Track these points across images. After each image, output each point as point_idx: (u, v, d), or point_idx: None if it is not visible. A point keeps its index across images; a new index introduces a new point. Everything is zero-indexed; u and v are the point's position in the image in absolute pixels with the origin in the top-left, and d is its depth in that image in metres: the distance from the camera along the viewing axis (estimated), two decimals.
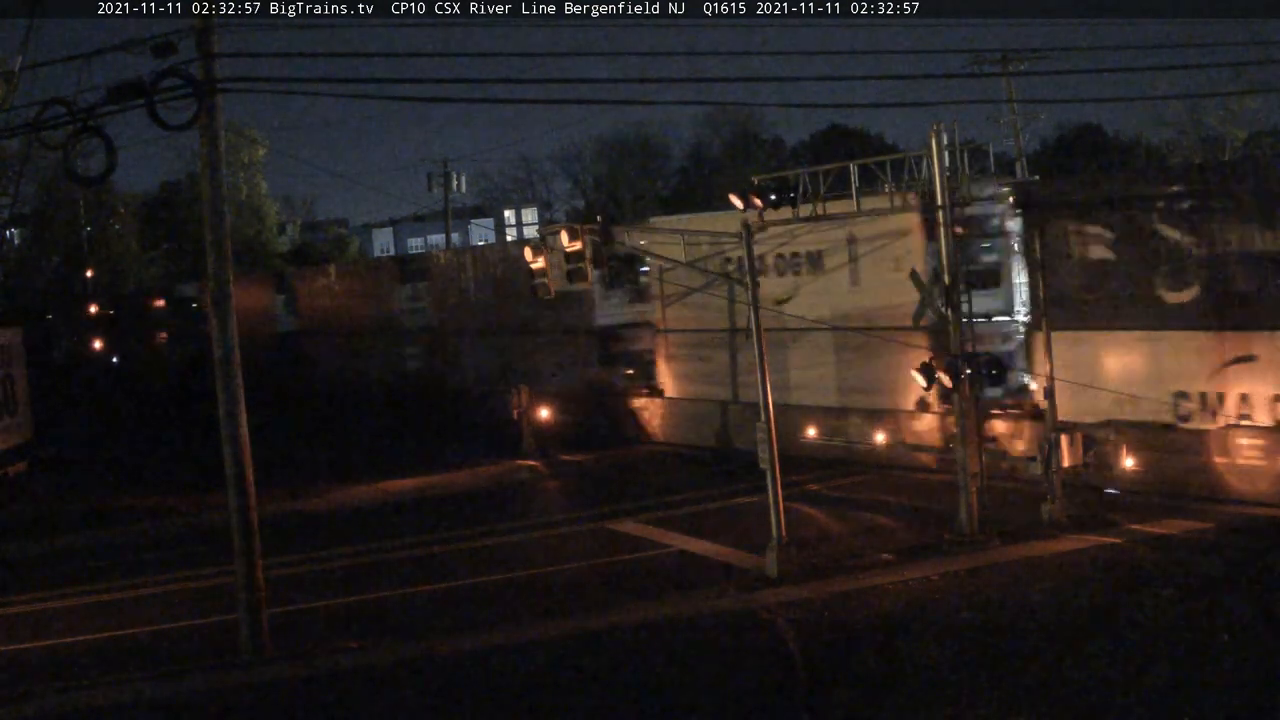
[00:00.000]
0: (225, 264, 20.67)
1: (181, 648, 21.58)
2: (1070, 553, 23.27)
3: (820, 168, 28.70)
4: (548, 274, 26.87)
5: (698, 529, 27.65)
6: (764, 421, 23.52)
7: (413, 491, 35.62)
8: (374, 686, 18.85)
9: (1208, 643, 17.93)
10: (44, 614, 24.52)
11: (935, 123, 25.27)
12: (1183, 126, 70.76)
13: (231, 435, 20.59)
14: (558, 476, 36.92)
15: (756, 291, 24.15)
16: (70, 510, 35.26)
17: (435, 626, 21.77)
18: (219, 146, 20.49)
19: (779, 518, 23.13)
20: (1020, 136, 62.08)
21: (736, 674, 18.44)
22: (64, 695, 19.18)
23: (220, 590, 23.64)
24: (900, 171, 27.94)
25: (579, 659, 19.44)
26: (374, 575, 26.04)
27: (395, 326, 54.76)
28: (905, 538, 25.48)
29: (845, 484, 31.46)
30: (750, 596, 22.05)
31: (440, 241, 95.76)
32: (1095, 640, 18.32)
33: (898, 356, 30.44)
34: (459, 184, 77.00)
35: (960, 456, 25.08)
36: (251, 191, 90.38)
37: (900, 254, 31.75)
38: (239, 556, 20.56)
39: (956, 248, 26.08)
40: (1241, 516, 24.88)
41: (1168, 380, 27.16)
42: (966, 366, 24.69)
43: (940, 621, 19.86)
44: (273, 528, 25.24)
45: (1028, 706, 16.14)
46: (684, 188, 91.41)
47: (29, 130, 20.15)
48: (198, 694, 19.03)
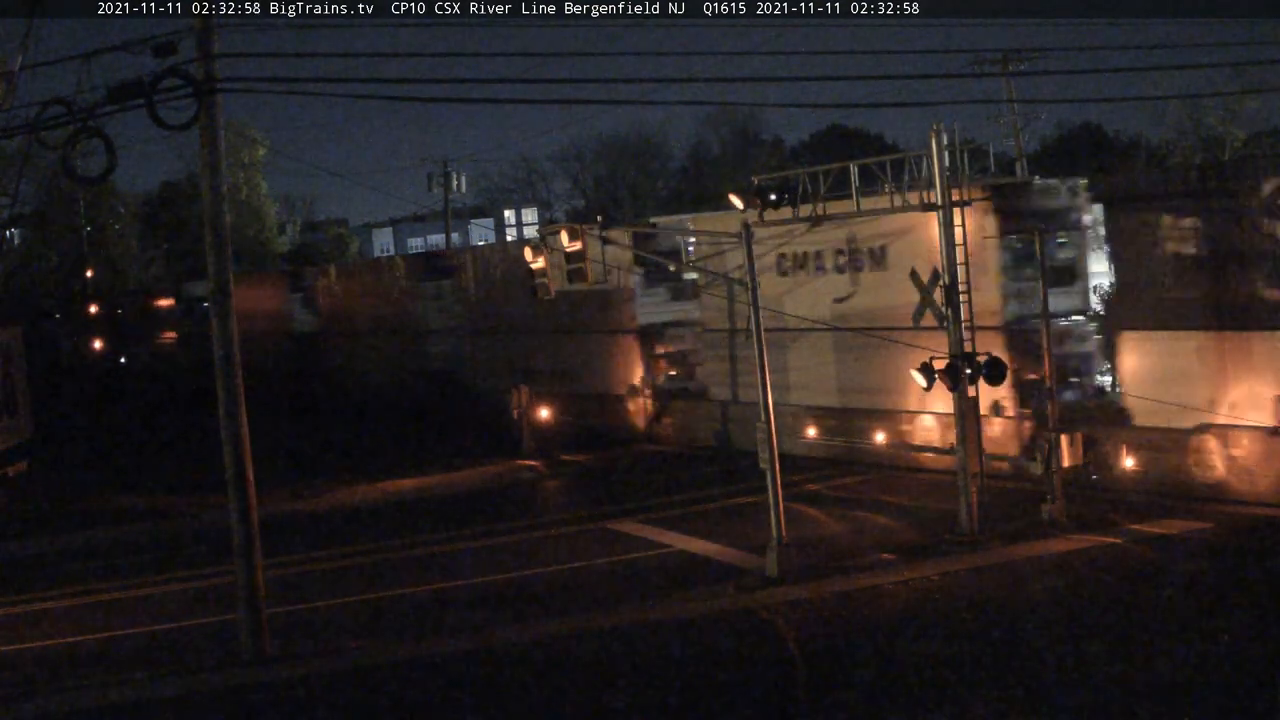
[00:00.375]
0: (225, 264, 20.68)
1: (181, 648, 21.59)
2: (1070, 553, 23.27)
3: (820, 168, 28.69)
4: (548, 274, 26.91)
5: (698, 529, 27.65)
6: (764, 421, 23.51)
7: (413, 491, 35.62)
8: (374, 686, 18.85)
9: (1208, 643, 17.93)
10: (44, 614, 24.52)
11: (935, 123, 25.27)
12: (1183, 126, 70.78)
13: (231, 435, 20.59)
14: (558, 476, 36.92)
15: (756, 292, 24.14)
16: (70, 510, 35.27)
17: (435, 626, 21.77)
18: (219, 146, 20.49)
19: (779, 518, 23.13)
20: (1020, 136, 62.05)
21: (736, 674, 18.44)
22: (64, 695, 19.19)
23: (220, 590, 23.64)
24: (900, 171, 27.90)
25: (579, 659, 19.44)
26: (374, 575, 26.03)
27: (418, 326, 53.31)
28: (905, 538, 25.48)
29: (845, 484, 31.45)
30: (750, 596, 22.05)
31: (440, 241, 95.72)
32: (1095, 640, 18.32)
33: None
34: (459, 184, 76.94)
35: (960, 456, 25.06)
36: (251, 191, 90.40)
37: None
38: (239, 556, 20.56)
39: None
40: (1241, 516, 24.87)
41: (1269, 382, 25.28)
42: (967, 366, 24.66)
43: (940, 621, 19.86)
44: (273, 528, 25.24)
45: (1028, 706, 16.15)
46: (684, 188, 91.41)
47: (29, 130, 20.15)
48: (197, 694, 19.03)
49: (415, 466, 38.83)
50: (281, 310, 62.91)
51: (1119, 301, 28.66)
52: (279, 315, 62.63)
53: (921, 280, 26.35)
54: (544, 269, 26.77)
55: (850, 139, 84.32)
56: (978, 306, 25.93)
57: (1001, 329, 29.41)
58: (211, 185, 20.52)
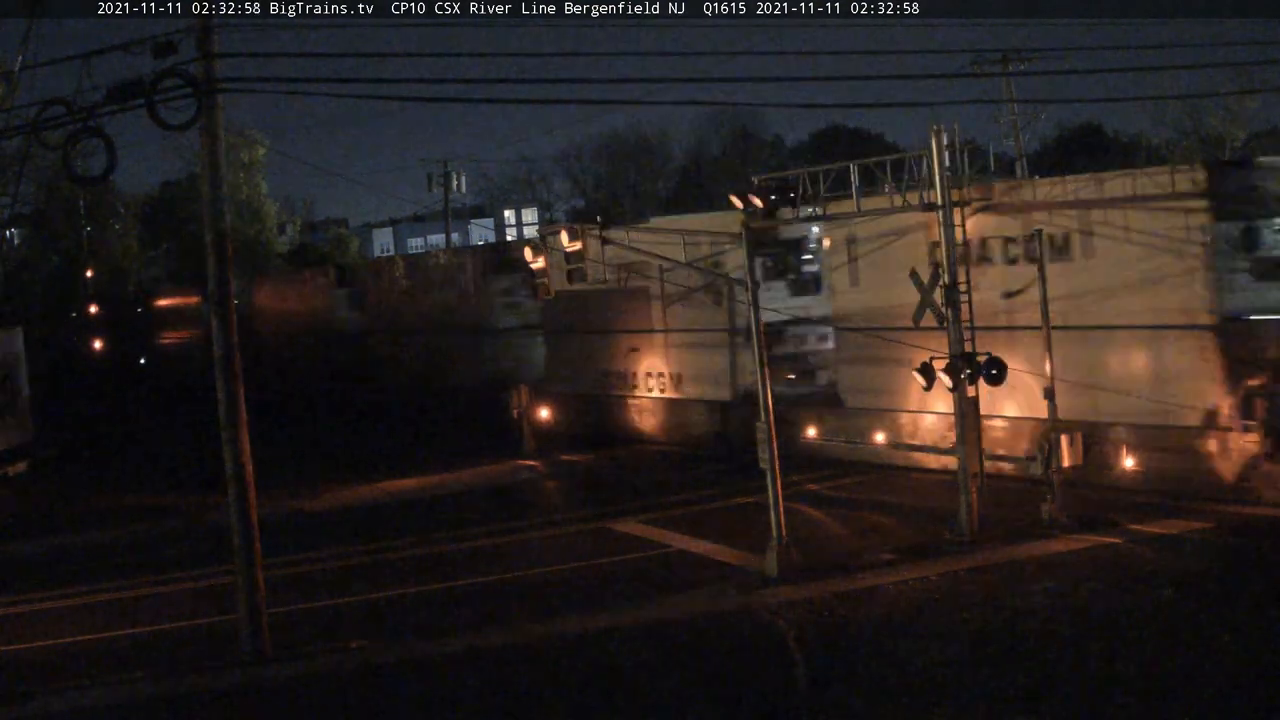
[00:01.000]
0: (225, 264, 20.67)
1: (181, 648, 21.58)
2: (1070, 553, 23.26)
3: (820, 167, 28.71)
4: (547, 274, 26.95)
5: (698, 529, 27.64)
6: (764, 421, 23.50)
7: (414, 491, 35.62)
8: (375, 686, 18.84)
9: (1208, 642, 17.93)
10: (44, 614, 24.51)
11: (935, 123, 25.27)
12: (1183, 126, 70.78)
13: (231, 435, 20.57)
14: (558, 476, 36.91)
15: (756, 291, 24.13)
16: (70, 510, 35.26)
17: (435, 626, 21.76)
18: (219, 146, 20.48)
19: (779, 518, 23.12)
20: (1020, 136, 62.00)
21: (736, 674, 18.44)
22: (64, 695, 19.18)
23: (220, 590, 23.63)
24: (900, 172, 27.92)
25: (579, 659, 19.43)
26: (374, 575, 26.02)
27: (484, 324, 49.92)
28: (905, 537, 25.47)
29: (846, 484, 31.44)
30: (750, 596, 22.04)
31: (440, 241, 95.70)
32: (1095, 640, 18.32)
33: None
34: (459, 184, 76.92)
35: (960, 456, 25.05)
36: (251, 191, 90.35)
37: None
38: (239, 556, 20.56)
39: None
40: (1241, 516, 24.87)
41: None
42: (966, 366, 24.65)
43: (940, 621, 19.85)
44: (273, 528, 25.22)
45: (1028, 706, 16.14)
46: (684, 188, 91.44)
47: (29, 130, 20.16)
48: (198, 694, 19.02)
49: (419, 466, 38.77)
50: (327, 307, 58.87)
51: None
52: (323, 313, 58.71)
53: (922, 280, 26.32)
54: (544, 269, 26.82)
55: (850, 139, 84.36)
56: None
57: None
58: (211, 185, 20.52)
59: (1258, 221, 25.31)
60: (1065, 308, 27.28)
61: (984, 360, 24.51)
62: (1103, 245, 27.97)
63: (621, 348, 41.88)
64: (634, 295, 40.41)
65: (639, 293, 39.99)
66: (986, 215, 29.30)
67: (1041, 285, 26.02)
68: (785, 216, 28.59)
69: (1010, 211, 29.12)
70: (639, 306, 40.78)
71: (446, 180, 75.34)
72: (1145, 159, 72.85)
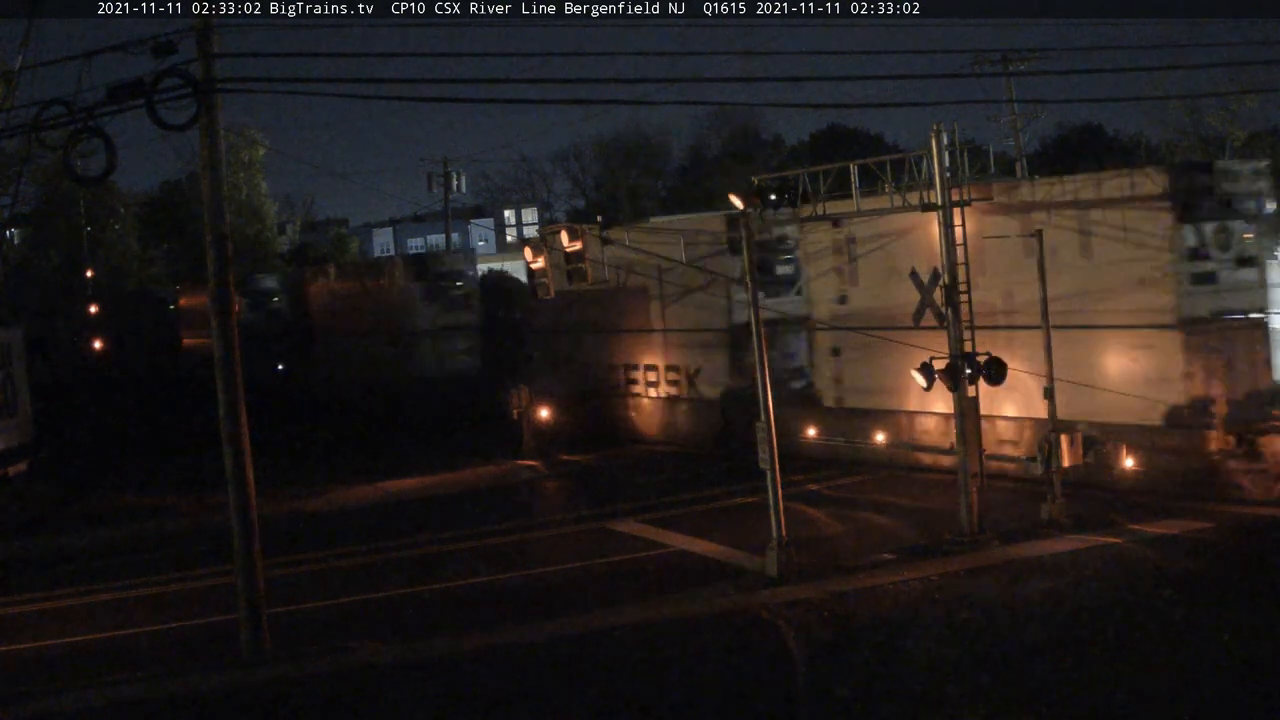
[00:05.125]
0: (225, 264, 20.67)
1: (181, 648, 21.59)
2: (1070, 553, 23.26)
3: (820, 167, 28.71)
4: (548, 274, 26.93)
5: (698, 529, 27.65)
6: (764, 421, 23.50)
7: (414, 491, 35.61)
8: (374, 686, 18.84)
9: (1208, 642, 17.93)
10: (44, 614, 24.52)
11: (935, 123, 25.27)
12: (1183, 126, 70.71)
13: (231, 435, 20.56)
14: (558, 476, 36.92)
15: (756, 291, 24.13)
16: (70, 510, 35.25)
17: (435, 626, 21.77)
18: (219, 146, 20.48)
19: (779, 518, 23.12)
20: (1020, 136, 62.03)
21: (736, 674, 18.44)
22: (63, 695, 19.18)
23: (220, 590, 23.63)
24: (900, 172, 27.92)
25: (579, 659, 19.43)
26: (374, 575, 26.04)
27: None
28: (905, 537, 25.47)
29: (846, 484, 31.44)
30: (750, 596, 22.04)
31: (440, 241, 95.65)
32: (1095, 640, 18.32)
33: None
34: (459, 184, 76.81)
35: (960, 456, 25.06)
36: (251, 191, 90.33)
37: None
38: (239, 556, 20.56)
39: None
40: (1241, 516, 24.88)
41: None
42: (967, 366, 24.66)
43: (940, 621, 19.85)
44: (273, 528, 25.23)
45: (1028, 707, 16.14)
46: (684, 188, 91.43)
47: (29, 130, 20.17)
48: (198, 694, 19.02)
49: (419, 466, 38.76)
50: (403, 302, 54.85)
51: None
52: (400, 308, 54.62)
53: (921, 280, 26.31)
54: (544, 269, 26.81)
55: (850, 139, 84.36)
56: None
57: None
58: (211, 185, 20.52)
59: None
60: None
61: (984, 360, 24.53)
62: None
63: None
64: (633, 295, 40.54)
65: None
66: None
67: (1042, 285, 26.05)
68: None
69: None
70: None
71: (446, 180, 75.26)
72: (1145, 159, 72.87)
